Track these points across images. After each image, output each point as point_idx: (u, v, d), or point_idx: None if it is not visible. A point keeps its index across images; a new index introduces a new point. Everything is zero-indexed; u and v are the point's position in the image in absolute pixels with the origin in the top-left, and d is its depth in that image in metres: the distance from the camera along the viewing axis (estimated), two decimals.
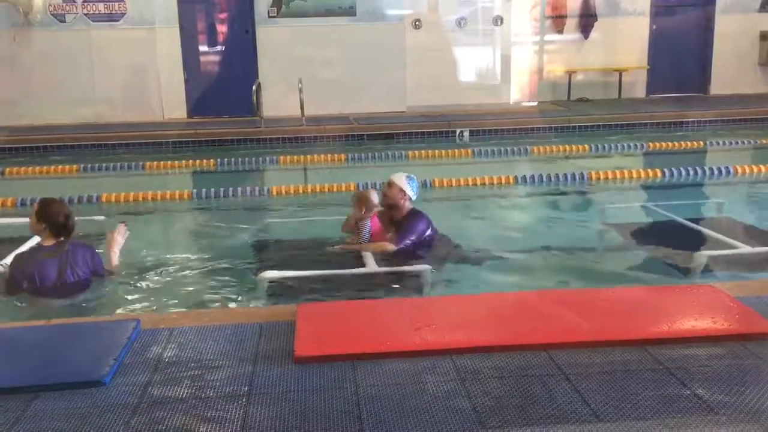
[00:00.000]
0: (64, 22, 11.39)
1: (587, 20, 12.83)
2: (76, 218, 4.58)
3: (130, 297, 4.57)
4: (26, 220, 4.72)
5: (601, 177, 7.62)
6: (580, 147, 9.39)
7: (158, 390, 2.80)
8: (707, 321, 3.32)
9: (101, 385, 2.82)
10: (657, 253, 5.24)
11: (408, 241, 5.05)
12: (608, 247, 5.49)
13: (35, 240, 5.39)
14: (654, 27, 13.02)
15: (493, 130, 10.66)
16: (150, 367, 2.98)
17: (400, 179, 5.23)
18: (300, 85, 10.52)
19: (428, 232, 5.16)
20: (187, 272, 5.06)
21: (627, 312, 3.46)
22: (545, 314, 3.44)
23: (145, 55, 11.53)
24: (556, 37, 12.99)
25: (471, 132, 10.56)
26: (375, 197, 5.17)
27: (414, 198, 5.24)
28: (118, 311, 4.28)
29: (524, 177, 7.62)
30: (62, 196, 6.97)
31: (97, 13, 11.41)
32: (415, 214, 5.18)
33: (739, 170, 7.75)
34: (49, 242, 4.48)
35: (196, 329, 3.36)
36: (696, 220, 5.79)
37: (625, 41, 12.92)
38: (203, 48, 12.05)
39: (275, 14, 11.77)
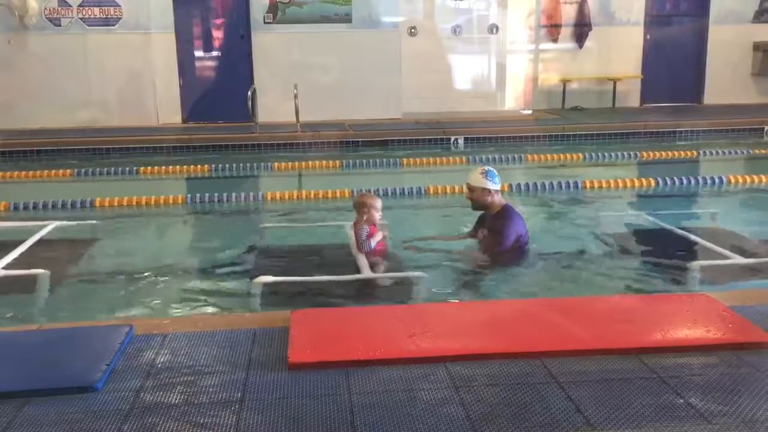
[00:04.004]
0: (60, 26, 11.36)
1: (582, 29, 12.88)
2: (69, 222, 4.57)
3: (122, 302, 4.55)
4: (22, 223, 4.71)
5: (595, 186, 7.64)
6: (574, 156, 9.41)
7: (151, 396, 2.79)
8: (701, 330, 3.33)
9: (93, 390, 2.81)
10: (650, 262, 5.24)
11: (506, 244, 4.94)
12: (602, 255, 5.49)
13: (31, 242, 5.37)
14: (648, 37, 13.09)
15: (488, 138, 10.67)
16: (142, 373, 2.97)
17: (478, 179, 5.00)
18: (295, 91, 10.52)
19: (523, 230, 5.05)
20: (180, 278, 5.05)
21: (621, 320, 3.46)
22: (539, 322, 3.44)
23: (141, 59, 11.51)
24: (551, 45, 13.03)
25: (465, 139, 10.57)
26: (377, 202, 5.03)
27: (498, 188, 5.05)
28: (111, 317, 4.26)
29: (518, 185, 7.63)
30: (56, 200, 7.02)
31: (92, 18, 11.40)
32: (508, 213, 5.03)
33: (732, 180, 7.77)
34: None
35: (189, 335, 3.35)
36: (689, 230, 5.79)
37: (620, 51, 12.97)
38: (199, 53, 12.03)
39: (271, 20, 11.78)
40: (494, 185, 5.02)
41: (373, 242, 4.90)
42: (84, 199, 7.10)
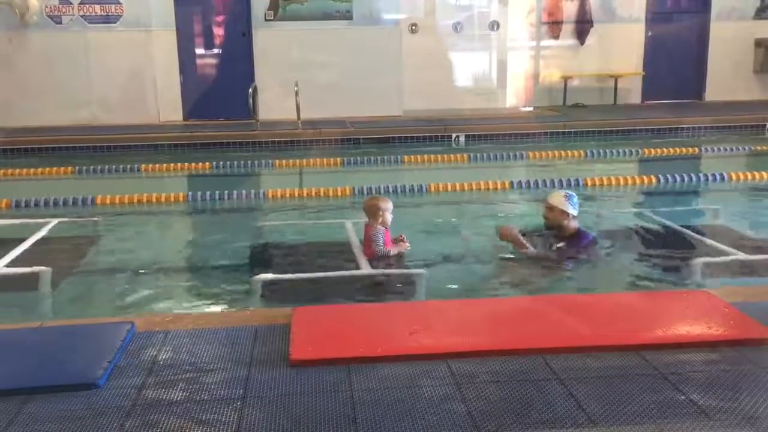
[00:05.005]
0: (60, 24, 11.36)
1: (583, 26, 12.87)
2: (71, 219, 4.57)
3: (124, 299, 4.56)
4: (23, 221, 4.71)
5: (597, 183, 7.63)
6: (576, 153, 9.41)
7: (152, 393, 2.79)
8: (702, 326, 3.33)
9: (95, 387, 2.81)
10: (652, 259, 5.24)
11: (582, 256, 5.01)
12: (603, 252, 5.49)
13: (32, 240, 5.39)
14: (649, 33, 13.07)
15: (489, 135, 10.66)
16: (144, 370, 2.97)
17: (560, 201, 5.05)
18: (296, 89, 10.52)
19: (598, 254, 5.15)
20: (182, 275, 5.06)
21: (622, 317, 3.46)
22: (541, 319, 3.44)
23: (142, 57, 11.51)
24: (552, 42, 13.02)
25: (467, 137, 10.56)
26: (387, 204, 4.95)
27: (576, 214, 5.10)
28: (113, 314, 4.26)
29: (519, 182, 7.63)
30: (57, 198, 7.02)
31: (93, 15, 11.39)
32: (584, 237, 5.09)
33: (734, 177, 7.77)
34: None
35: (191, 332, 3.36)
36: (691, 227, 5.80)
37: (621, 47, 12.95)
38: (199, 51, 12.04)
39: (272, 17, 11.77)
40: (573, 210, 5.06)
41: (392, 251, 4.88)
42: (85, 196, 7.10)
